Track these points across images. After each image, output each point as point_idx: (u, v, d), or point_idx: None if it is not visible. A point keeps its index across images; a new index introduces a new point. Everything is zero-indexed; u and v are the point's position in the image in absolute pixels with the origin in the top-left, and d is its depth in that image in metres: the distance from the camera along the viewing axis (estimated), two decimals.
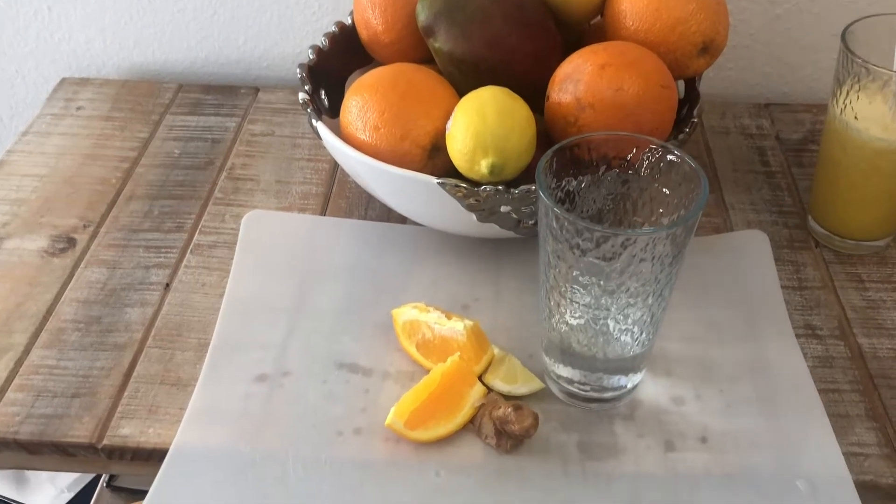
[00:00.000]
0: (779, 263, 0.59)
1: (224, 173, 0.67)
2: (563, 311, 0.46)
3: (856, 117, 0.54)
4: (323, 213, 0.64)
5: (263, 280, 0.58)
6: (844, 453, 0.47)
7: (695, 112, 0.57)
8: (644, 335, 0.46)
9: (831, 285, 0.58)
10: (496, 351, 0.51)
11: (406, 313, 0.52)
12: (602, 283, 0.43)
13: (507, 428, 0.46)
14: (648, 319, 0.45)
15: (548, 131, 0.54)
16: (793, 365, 0.52)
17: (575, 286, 0.44)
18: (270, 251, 0.60)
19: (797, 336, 0.54)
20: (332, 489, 0.46)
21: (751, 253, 0.59)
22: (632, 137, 0.45)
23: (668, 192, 0.45)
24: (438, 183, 0.50)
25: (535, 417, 0.46)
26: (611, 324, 0.45)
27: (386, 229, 0.62)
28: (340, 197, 0.65)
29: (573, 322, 0.46)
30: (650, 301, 0.44)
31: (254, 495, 0.45)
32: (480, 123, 0.49)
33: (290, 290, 0.57)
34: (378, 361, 0.52)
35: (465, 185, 0.50)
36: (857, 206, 0.58)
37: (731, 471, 0.46)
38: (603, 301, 0.43)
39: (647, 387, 0.51)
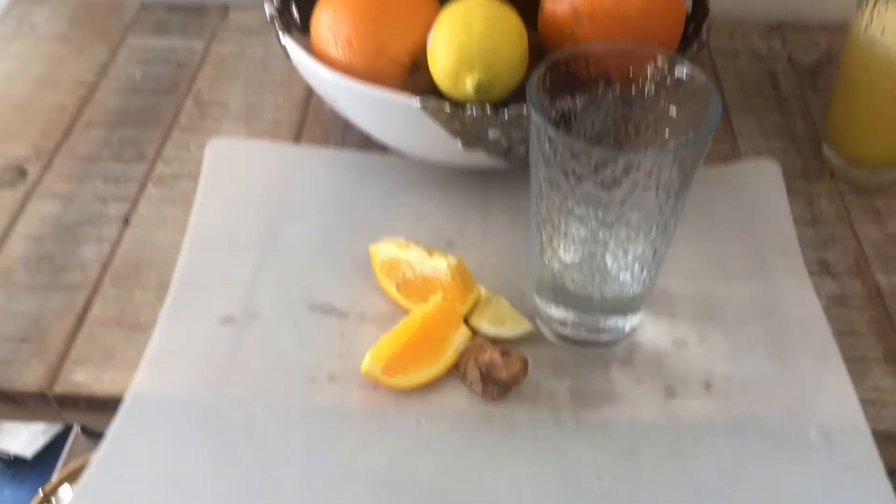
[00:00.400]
0: (791, 195, 0.54)
1: (189, 99, 0.62)
2: (557, 246, 0.41)
3: (883, 31, 0.49)
4: (296, 141, 0.58)
5: (230, 213, 0.53)
6: (861, 400, 0.43)
7: (703, 28, 0.51)
8: (645, 273, 0.42)
9: (847, 219, 0.53)
10: (483, 291, 0.47)
11: (385, 250, 0.47)
12: (600, 214, 0.38)
13: (493, 374, 0.42)
14: (650, 256, 0.40)
15: (542, 47, 0.49)
16: (805, 304, 0.48)
17: (570, 218, 0.39)
18: (238, 182, 0.55)
19: (810, 273, 0.49)
20: (303, 440, 0.42)
21: (761, 184, 0.55)
22: (635, 49, 0.40)
23: (674, 112, 0.40)
24: (418, 105, 0.45)
25: (524, 363, 0.42)
26: (609, 260, 0.40)
27: (364, 159, 0.57)
28: (315, 124, 0.60)
29: (567, 259, 0.41)
30: (653, 235, 0.39)
31: (217, 447, 0.41)
32: (465, 36, 0.44)
33: (260, 224, 0.52)
34: (355, 302, 0.48)
35: (448, 107, 0.45)
36: (877, 131, 0.53)
37: (737, 419, 0.43)
38: (601, 235, 0.39)
39: (647, 328, 0.47)
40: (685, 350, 0.46)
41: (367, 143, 0.57)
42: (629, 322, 0.45)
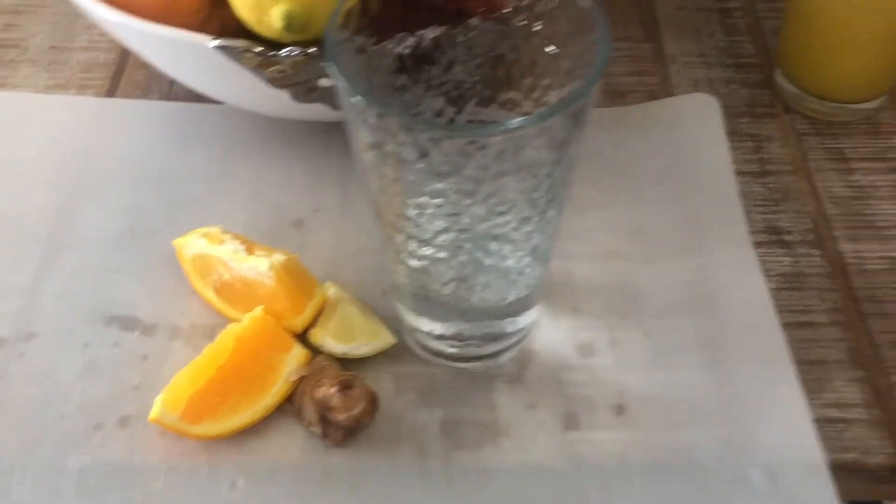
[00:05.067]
0: (734, 139, 0.43)
1: None
2: (402, 243, 0.30)
3: None
4: (112, 92, 0.46)
5: (13, 193, 0.41)
6: (818, 420, 0.33)
7: None
8: (531, 269, 0.30)
9: (804, 168, 0.42)
10: (332, 291, 0.36)
11: (192, 245, 0.36)
12: (455, 198, 0.26)
13: (330, 416, 0.32)
14: (538, 244, 0.29)
15: None
16: (749, 289, 0.37)
17: (415, 204, 0.27)
18: (26, 149, 0.42)
19: (756, 245, 0.38)
20: None
21: (694, 126, 0.43)
22: None
23: (554, 51, 0.28)
24: (213, 45, 0.32)
25: (371, 400, 0.31)
26: (480, 256, 0.29)
27: (195, 113, 0.44)
28: (137, 68, 0.47)
29: (416, 264, 0.30)
30: (535, 218, 0.28)
31: None
32: None
33: (52, 206, 0.40)
34: (165, 312, 0.37)
35: (256, 49, 0.32)
36: (842, 53, 0.42)
37: (657, 456, 0.32)
38: (464, 221, 0.27)
39: (545, 330, 0.36)
40: (592, 358, 0.35)
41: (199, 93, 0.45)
42: (518, 323, 0.34)
